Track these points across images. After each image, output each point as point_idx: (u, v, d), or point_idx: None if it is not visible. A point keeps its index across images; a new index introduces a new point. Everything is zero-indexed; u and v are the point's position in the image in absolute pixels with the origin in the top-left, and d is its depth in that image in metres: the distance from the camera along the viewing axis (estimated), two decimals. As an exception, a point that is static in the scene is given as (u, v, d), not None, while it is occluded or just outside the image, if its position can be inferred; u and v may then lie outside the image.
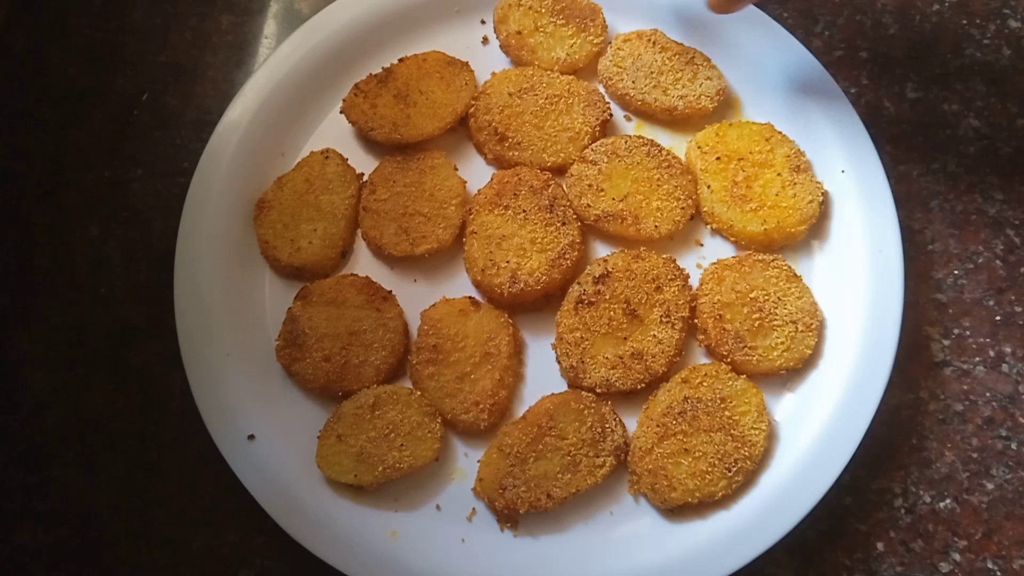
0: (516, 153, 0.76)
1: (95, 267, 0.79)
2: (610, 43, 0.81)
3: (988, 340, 0.76)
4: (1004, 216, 0.80)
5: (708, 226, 0.76)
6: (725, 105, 0.80)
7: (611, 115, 0.78)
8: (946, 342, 0.76)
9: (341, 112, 0.78)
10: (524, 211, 0.73)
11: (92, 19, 0.88)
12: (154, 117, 0.84)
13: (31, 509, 0.71)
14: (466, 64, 0.80)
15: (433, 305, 0.72)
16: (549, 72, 0.79)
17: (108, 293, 0.78)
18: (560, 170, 0.77)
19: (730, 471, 0.66)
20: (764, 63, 0.79)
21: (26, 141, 0.84)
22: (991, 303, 0.77)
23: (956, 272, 0.78)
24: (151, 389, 0.74)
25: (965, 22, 0.87)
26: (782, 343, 0.69)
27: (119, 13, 0.89)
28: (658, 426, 0.67)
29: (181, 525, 0.71)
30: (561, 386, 0.71)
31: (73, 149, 0.83)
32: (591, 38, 0.80)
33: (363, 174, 0.78)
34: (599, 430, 0.67)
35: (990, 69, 0.85)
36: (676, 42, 0.80)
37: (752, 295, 0.70)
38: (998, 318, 0.77)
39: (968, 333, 0.76)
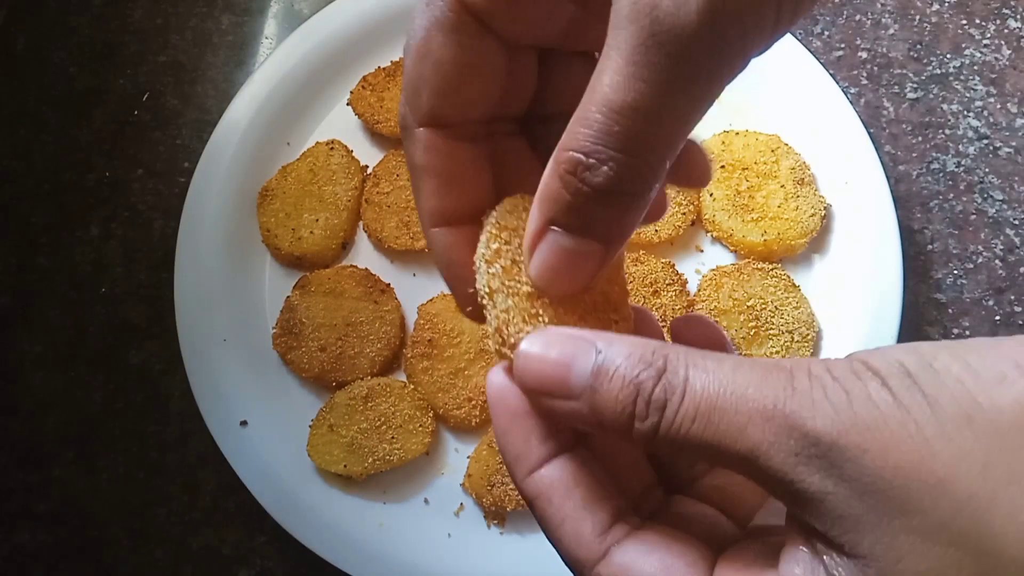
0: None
1: (95, 267, 0.79)
2: None
3: (988, 340, 0.76)
4: (1004, 216, 0.80)
5: (708, 233, 0.76)
6: (732, 112, 0.79)
7: None
8: (946, 342, 0.76)
9: (348, 104, 0.79)
10: (524, 210, 0.73)
11: (92, 19, 0.88)
12: (154, 117, 0.84)
13: (31, 509, 0.71)
14: (475, 60, 0.80)
15: (430, 300, 0.72)
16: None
17: (108, 293, 0.78)
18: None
19: None
20: (774, 71, 0.78)
21: (26, 141, 0.84)
22: (991, 303, 0.77)
23: (956, 272, 0.78)
24: (151, 389, 0.74)
25: (965, 22, 0.87)
26: (777, 352, 0.69)
27: (119, 13, 0.88)
28: None
29: (181, 525, 0.71)
30: (556, 385, 0.71)
31: (73, 149, 0.83)
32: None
33: (367, 166, 0.78)
34: None
35: (990, 69, 0.85)
36: None
37: (749, 303, 0.70)
38: (998, 318, 0.77)
39: (968, 333, 0.76)
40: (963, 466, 0.24)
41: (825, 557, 0.26)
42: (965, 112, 0.84)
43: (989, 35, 0.86)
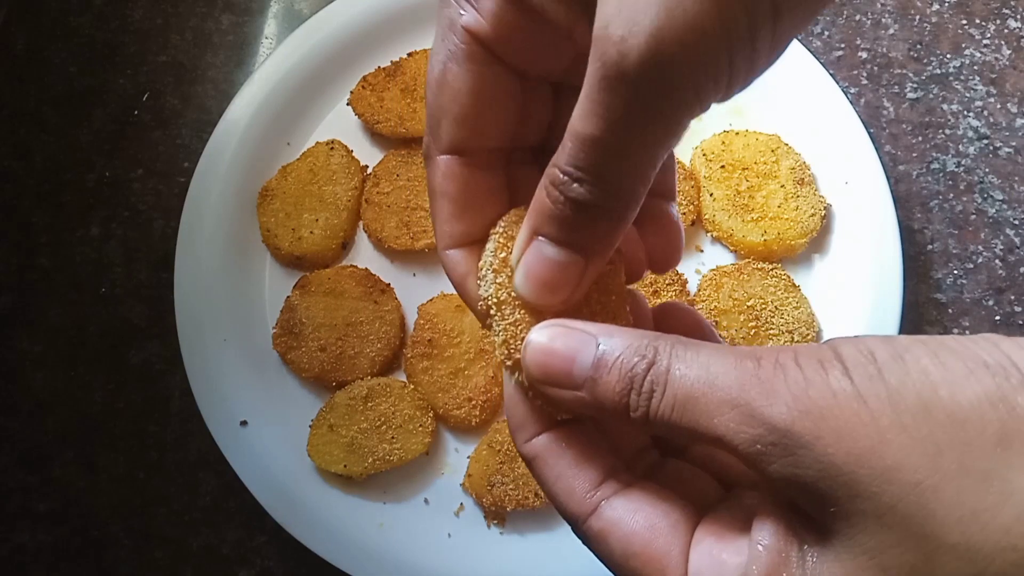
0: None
1: (95, 267, 0.79)
2: None
3: (988, 340, 0.76)
4: (1004, 216, 0.80)
5: (709, 233, 0.76)
6: (732, 112, 0.79)
7: None
8: (946, 342, 0.76)
9: (348, 104, 0.79)
10: (525, 210, 0.73)
11: (92, 19, 0.88)
12: (155, 117, 0.84)
13: (31, 509, 0.71)
14: (474, 59, 0.80)
15: (430, 300, 0.72)
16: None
17: (108, 293, 0.78)
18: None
19: None
20: (774, 71, 0.78)
21: (26, 141, 0.84)
22: (991, 303, 0.77)
23: (956, 272, 0.78)
24: (151, 389, 0.74)
25: (965, 22, 0.87)
26: None
27: (119, 13, 0.88)
28: None
29: (181, 525, 0.71)
30: (556, 385, 0.71)
31: (73, 149, 0.83)
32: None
33: (367, 166, 0.78)
34: None
35: (990, 69, 0.85)
36: None
37: (749, 303, 0.70)
38: (998, 318, 0.77)
39: (968, 333, 0.76)
40: (914, 454, 0.25)
41: (798, 525, 0.28)
42: (965, 112, 0.84)
43: (989, 35, 0.86)
